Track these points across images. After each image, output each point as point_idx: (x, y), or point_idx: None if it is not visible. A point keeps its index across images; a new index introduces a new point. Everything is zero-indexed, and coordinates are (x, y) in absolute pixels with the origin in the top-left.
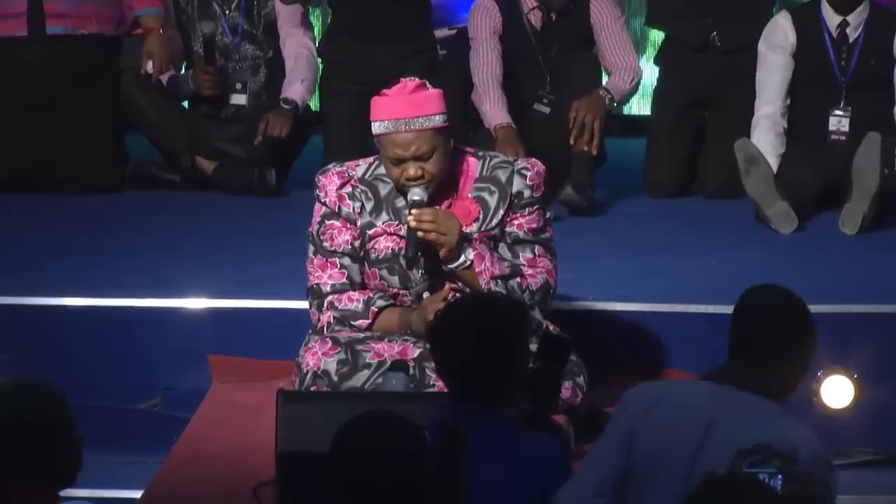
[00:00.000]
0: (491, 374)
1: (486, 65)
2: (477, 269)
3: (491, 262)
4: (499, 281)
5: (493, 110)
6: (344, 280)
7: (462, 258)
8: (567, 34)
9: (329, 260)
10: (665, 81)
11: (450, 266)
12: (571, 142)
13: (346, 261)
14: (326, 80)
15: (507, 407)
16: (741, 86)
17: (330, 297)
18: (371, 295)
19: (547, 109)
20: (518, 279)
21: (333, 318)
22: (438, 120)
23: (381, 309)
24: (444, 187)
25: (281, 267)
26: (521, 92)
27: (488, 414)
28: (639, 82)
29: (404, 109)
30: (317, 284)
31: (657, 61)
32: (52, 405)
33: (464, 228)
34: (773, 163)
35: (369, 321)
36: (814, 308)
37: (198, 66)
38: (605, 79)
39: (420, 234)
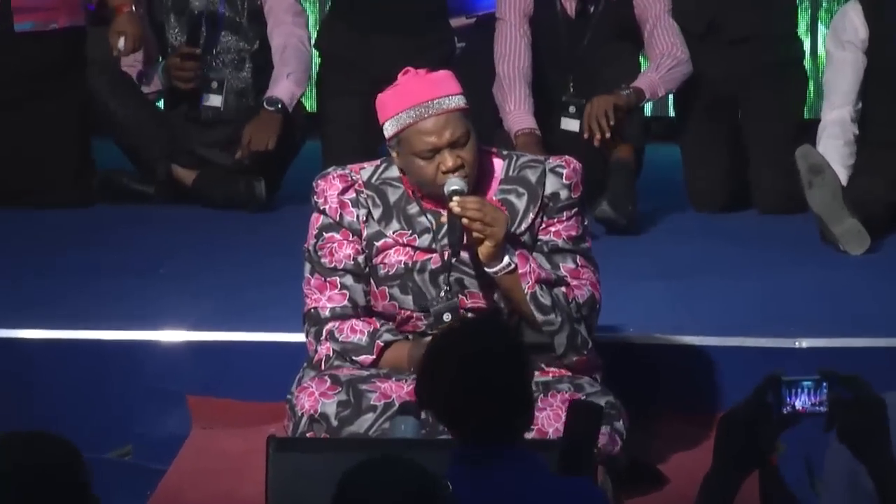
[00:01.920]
0: (495, 416)
1: (513, 54)
2: (521, 271)
3: (536, 264)
4: (544, 286)
5: (517, 112)
6: (345, 303)
7: (506, 259)
8: (604, 26)
9: (328, 279)
10: (687, 82)
11: (492, 269)
12: (585, 135)
13: (349, 280)
14: (325, 77)
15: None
16: (764, 80)
17: (329, 325)
18: (377, 326)
19: (575, 124)
20: (563, 288)
21: (333, 350)
22: (463, 100)
23: (387, 344)
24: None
25: (273, 292)
26: (543, 92)
27: (514, 455)
28: (686, 71)
29: (425, 92)
30: (314, 308)
31: None
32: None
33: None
34: (842, 174)
35: (374, 357)
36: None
37: (172, 54)
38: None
39: (465, 221)
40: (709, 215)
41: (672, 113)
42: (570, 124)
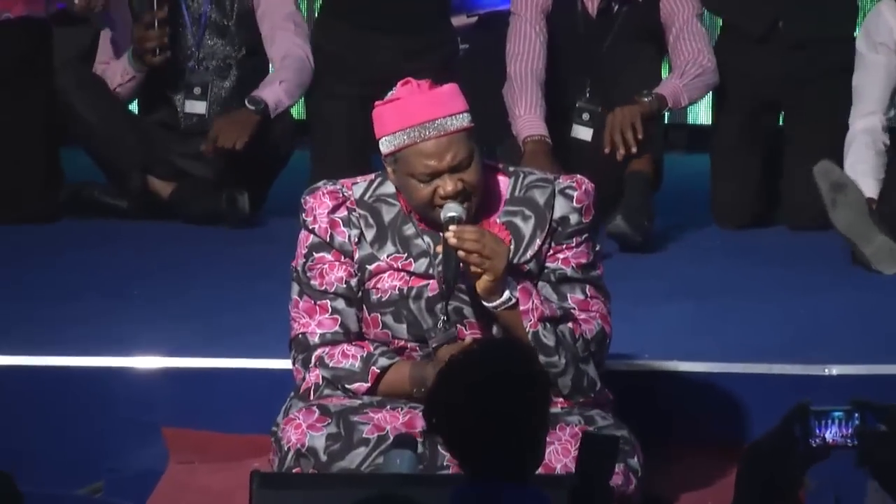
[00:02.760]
0: (506, 448)
1: (527, 53)
2: (522, 308)
3: (539, 300)
4: (548, 324)
5: (527, 116)
6: (336, 328)
7: (506, 294)
8: (627, 28)
9: (318, 303)
10: (725, 81)
11: (490, 303)
12: (606, 149)
13: (340, 304)
14: (318, 78)
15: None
16: (818, 85)
17: (319, 352)
18: (371, 350)
19: (588, 132)
20: (570, 324)
21: (323, 378)
22: (467, 119)
23: (383, 370)
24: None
25: (257, 315)
26: (557, 97)
27: (522, 494)
28: (710, 81)
29: (428, 110)
30: (302, 334)
31: (714, 54)
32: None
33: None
34: (873, 187)
35: (369, 384)
36: None
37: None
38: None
39: (461, 254)
40: (732, 232)
41: (691, 121)
42: (583, 132)
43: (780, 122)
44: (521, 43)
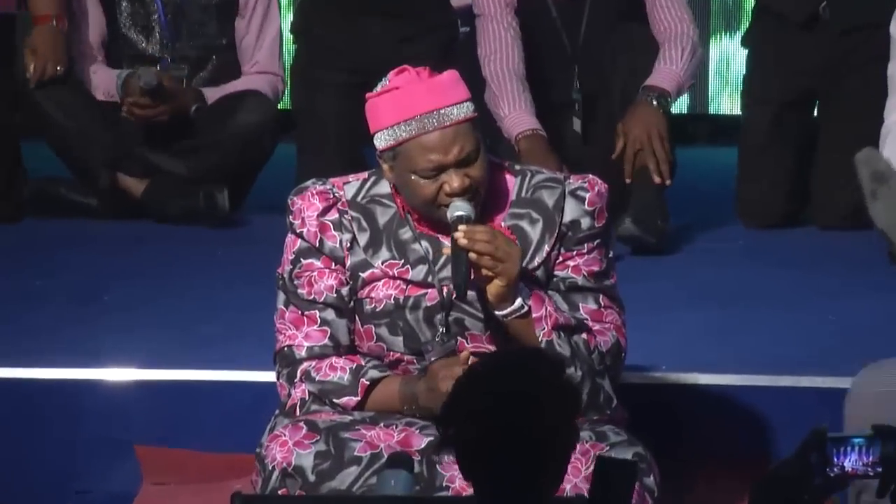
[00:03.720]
0: (526, 466)
1: (499, 51)
2: (535, 315)
3: (553, 307)
4: (562, 334)
5: (513, 114)
6: (326, 341)
7: (519, 301)
8: (602, 6)
9: (306, 313)
10: (757, 70)
11: (501, 311)
12: (627, 179)
13: (330, 314)
14: (303, 67)
15: None
16: (862, 75)
17: (305, 365)
18: (362, 363)
19: (578, 128)
20: (584, 335)
21: (309, 393)
22: (471, 108)
23: (374, 382)
24: None
25: (239, 323)
26: (545, 94)
27: None
28: (697, 53)
29: (429, 99)
30: (288, 347)
31: (745, 42)
32: None
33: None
34: None
35: (358, 398)
36: None
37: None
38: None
39: (472, 256)
40: (757, 232)
41: (713, 111)
42: (577, 124)
43: (814, 115)
44: (490, 42)
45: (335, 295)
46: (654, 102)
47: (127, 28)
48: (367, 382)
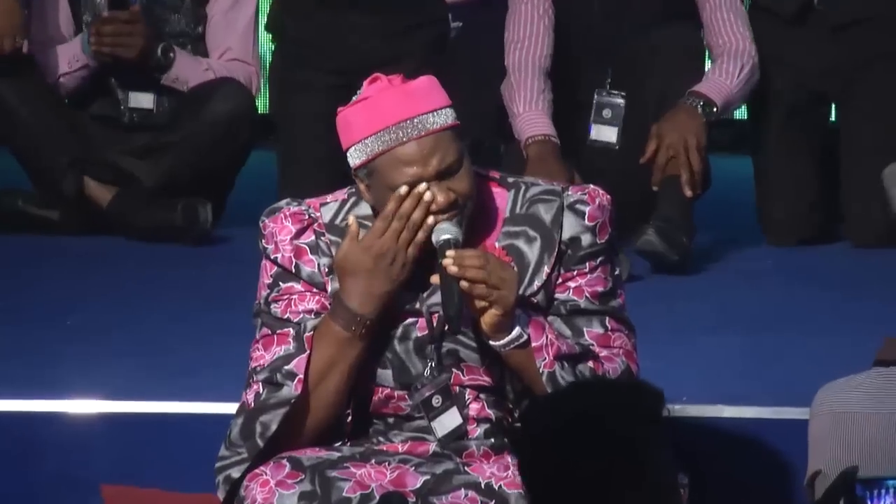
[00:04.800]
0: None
1: (527, 39)
2: (535, 344)
3: (554, 335)
4: (565, 364)
5: (528, 113)
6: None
7: (516, 330)
8: (649, 1)
9: (277, 332)
10: (761, 75)
11: (497, 342)
12: (655, 187)
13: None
14: (282, 69)
15: None
16: (872, 74)
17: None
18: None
19: (612, 133)
20: (590, 363)
21: (262, 384)
22: (451, 115)
23: (315, 329)
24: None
25: (214, 351)
26: (570, 93)
27: None
28: (755, 75)
29: (403, 107)
30: (254, 369)
31: None
32: None
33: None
34: None
35: (307, 352)
36: None
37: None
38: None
39: (464, 285)
40: (788, 250)
41: (741, 116)
42: (605, 133)
43: (830, 119)
44: (520, 28)
45: (313, 317)
46: (699, 110)
47: (94, 19)
48: (311, 333)
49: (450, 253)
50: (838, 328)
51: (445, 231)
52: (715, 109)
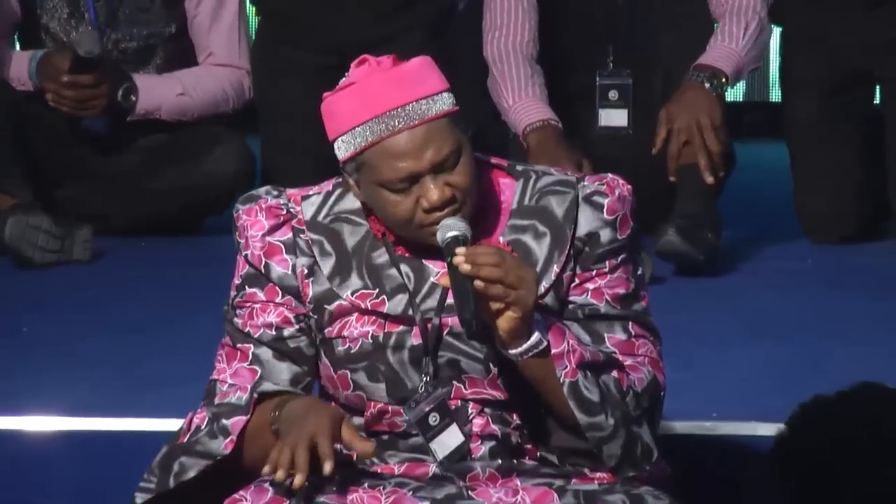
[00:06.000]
0: None
1: (504, 25)
2: (555, 351)
3: (576, 341)
4: (588, 373)
5: (520, 103)
6: (253, 384)
7: (535, 335)
8: None
9: (238, 346)
10: (791, 48)
11: (515, 350)
12: (671, 178)
13: (265, 354)
14: (266, 45)
15: None
16: None
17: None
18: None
19: (622, 116)
20: (615, 372)
21: (207, 418)
22: (449, 101)
23: (265, 395)
24: None
25: (190, 361)
26: (566, 78)
27: None
28: (764, 31)
29: (394, 93)
30: (214, 381)
31: (775, 15)
32: None
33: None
34: None
35: (248, 416)
36: None
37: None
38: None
39: (478, 285)
40: (829, 247)
41: (774, 97)
42: (613, 117)
43: (874, 103)
44: (497, 13)
45: (274, 333)
46: (707, 84)
47: (48, 15)
48: (257, 395)
49: (460, 250)
50: (886, 337)
51: (452, 227)
52: (725, 80)
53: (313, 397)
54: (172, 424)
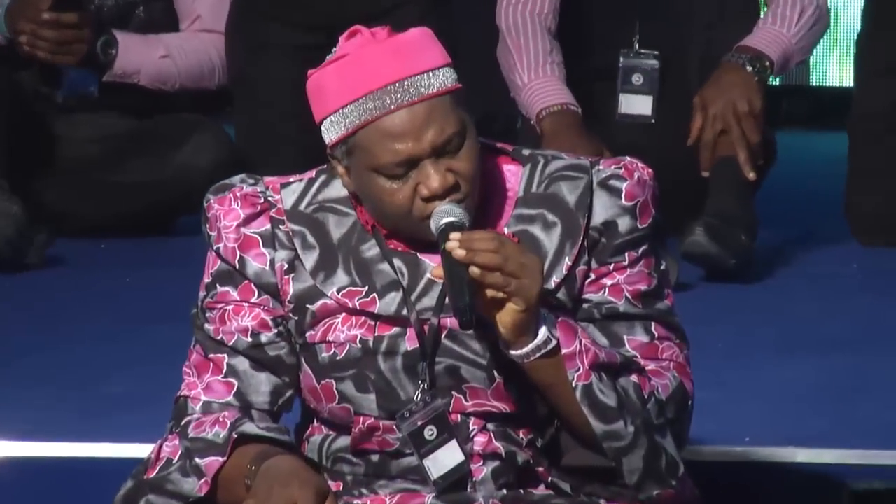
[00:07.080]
0: None
1: None
2: (566, 351)
3: (589, 339)
4: (603, 376)
5: (535, 82)
6: (229, 398)
7: (542, 332)
8: None
9: (210, 356)
10: (870, 37)
11: (519, 350)
12: (704, 172)
13: (241, 364)
14: (242, 19)
15: None
16: None
17: (190, 418)
18: (253, 419)
19: (646, 103)
20: (634, 377)
21: (179, 451)
22: (451, 76)
23: (245, 437)
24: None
25: (156, 379)
26: (586, 57)
27: None
28: (822, 20)
29: (390, 66)
30: (184, 397)
31: None
32: None
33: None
34: None
35: (224, 458)
36: None
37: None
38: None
39: (474, 272)
40: (878, 251)
41: (815, 82)
42: (635, 104)
43: None
44: None
45: (249, 339)
46: (749, 67)
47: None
48: (236, 436)
49: (454, 235)
50: None
51: (447, 213)
52: (768, 65)
53: (298, 461)
54: (136, 450)
